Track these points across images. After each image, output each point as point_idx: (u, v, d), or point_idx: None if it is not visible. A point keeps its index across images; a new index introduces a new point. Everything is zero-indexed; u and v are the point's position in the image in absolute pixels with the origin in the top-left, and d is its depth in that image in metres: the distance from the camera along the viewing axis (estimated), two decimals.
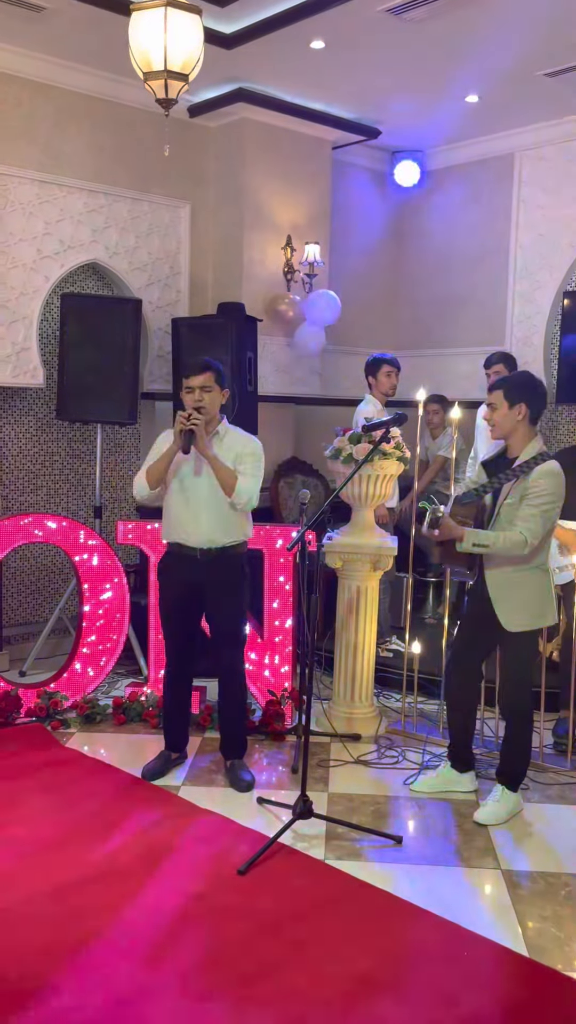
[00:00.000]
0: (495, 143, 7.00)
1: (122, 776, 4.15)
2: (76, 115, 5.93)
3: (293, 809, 3.63)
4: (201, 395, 3.90)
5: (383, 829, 3.70)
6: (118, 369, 5.63)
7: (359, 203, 7.58)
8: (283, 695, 4.77)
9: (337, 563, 4.72)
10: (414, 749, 4.52)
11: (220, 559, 3.99)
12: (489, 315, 7.18)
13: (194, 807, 3.85)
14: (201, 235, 6.65)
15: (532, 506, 3.55)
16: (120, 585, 5.00)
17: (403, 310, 7.82)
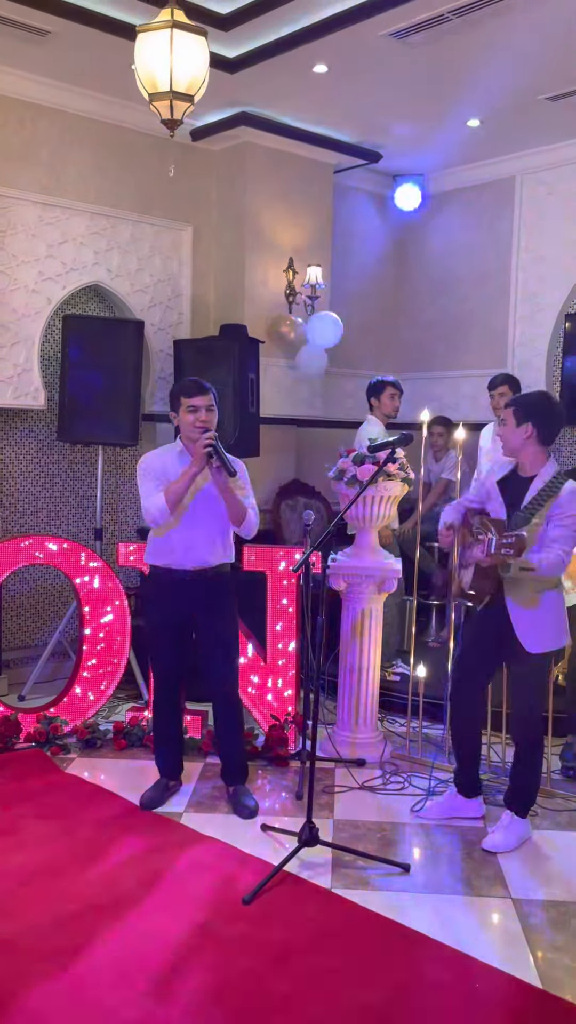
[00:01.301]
0: (496, 167, 7.04)
1: (123, 803, 4.09)
2: (79, 138, 5.96)
3: (298, 836, 3.58)
4: (207, 415, 3.89)
5: (390, 857, 3.65)
6: (120, 391, 5.62)
7: (360, 226, 7.62)
8: (286, 720, 4.72)
9: (341, 585, 4.69)
10: (420, 775, 4.47)
11: (211, 581, 3.97)
12: (491, 337, 7.19)
13: (197, 834, 3.80)
14: (203, 257, 6.67)
15: (564, 527, 3.54)
16: (121, 608, 4.96)
17: (405, 332, 7.84)
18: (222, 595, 4.01)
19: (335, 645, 4.87)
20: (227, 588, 4.04)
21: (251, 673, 4.74)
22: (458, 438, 4.66)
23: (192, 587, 3.95)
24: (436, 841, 3.83)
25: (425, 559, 6.25)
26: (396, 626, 5.74)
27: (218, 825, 3.89)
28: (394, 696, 5.33)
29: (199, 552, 3.93)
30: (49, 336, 6.10)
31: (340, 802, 4.18)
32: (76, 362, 5.61)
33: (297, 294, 6.70)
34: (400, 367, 7.90)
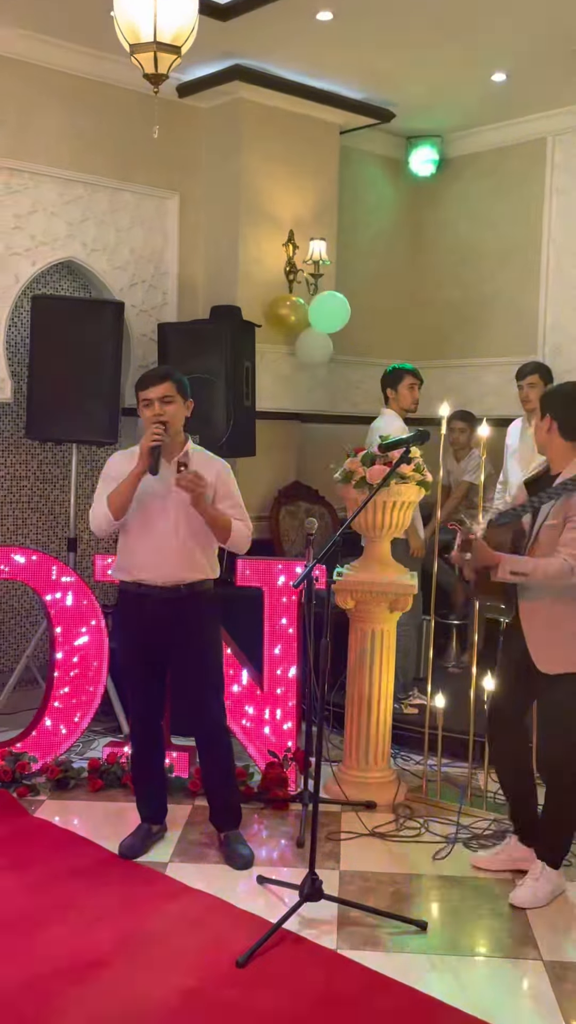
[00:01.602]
0: (525, 126, 7.06)
1: (100, 851, 4.09)
2: (50, 94, 5.98)
3: (299, 889, 3.58)
4: (162, 408, 3.88)
5: (405, 913, 3.65)
6: (96, 381, 5.63)
7: (370, 194, 7.64)
8: (286, 756, 4.73)
9: (348, 603, 4.70)
10: (438, 819, 4.48)
11: (186, 599, 3.94)
12: (518, 321, 7.21)
13: (184, 887, 3.80)
14: (191, 230, 6.69)
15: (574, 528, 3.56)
16: (97, 629, 4.97)
17: (421, 315, 7.85)
18: (200, 617, 3.98)
19: (341, 671, 4.87)
20: (206, 609, 4.01)
21: (246, 703, 4.75)
22: (482, 435, 4.67)
23: (164, 607, 3.92)
24: (457, 895, 3.83)
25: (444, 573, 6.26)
26: (412, 650, 5.75)
27: (208, 876, 3.89)
28: (409, 730, 5.33)
29: (169, 566, 3.90)
30: (16, 319, 6.11)
31: (347, 851, 4.18)
32: (46, 349, 5.61)
33: (298, 271, 6.71)
34: (415, 355, 7.87)
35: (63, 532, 6.39)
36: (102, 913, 3.59)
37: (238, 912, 3.62)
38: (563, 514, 3.62)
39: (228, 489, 4.01)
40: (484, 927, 3.61)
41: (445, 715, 4.73)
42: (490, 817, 4.44)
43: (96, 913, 3.59)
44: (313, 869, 3.58)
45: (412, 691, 5.71)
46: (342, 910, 3.65)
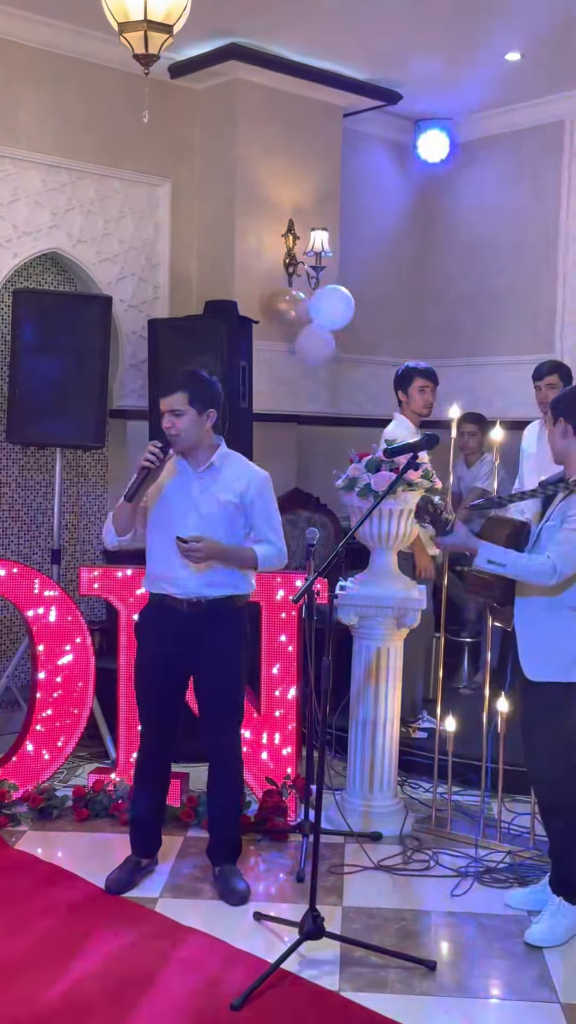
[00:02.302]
0: (541, 109, 7.09)
1: (85, 885, 4.09)
2: (32, 74, 6.00)
3: (299, 927, 3.58)
4: (172, 420, 3.90)
5: (412, 952, 3.65)
6: (82, 381, 5.64)
7: (376, 181, 7.67)
8: (285, 784, 4.73)
9: (352, 619, 4.71)
10: (448, 851, 4.48)
11: (213, 615, 3.98)
12: (534, 317, 7.23)
13: (176, 925, 3.80)
14: (184, 219, 6.71)
15: (570, 529, 3.61)
16: (83, 647, 4.98)
17: (430, 310, 7.88)
18: (221, 636, 4.01)
19: (345, 693, 4.88)
20: (229, 628, 4.03)
21: (243, 726, 4.74)
22: (494, 439, 4.69)
23: (189, 621, 3.96)
24: (468, 933, 3.84)
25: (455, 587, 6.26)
26: (421, 670, 5.75)
27: (201, 913, 3.89)
28: (416, 755, 5.34)
29: (190, 581, 3.93)
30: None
31: (351, 885, 4.18)
32: (29, 346, 5.63)
33: (299, 264, 6.73)
34: (424, 353, 7.85)
35: (46, 543, 6.39)
36: (87, 953, 3.59)
37: (233, 951, 3.62)
38: (561, 514, 3.67)
39: (261, 503, 4.02)
40: (497, 967, 3.61)
41: (456, 739, 4.73)
42: (504, 849, 4.44)
43: (81, 953, 3.58)
44: (314, 905, 3.58)
45: (421, 714, 5.71)
46: (345, 949, 3.65)
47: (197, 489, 3.96)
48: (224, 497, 3.96)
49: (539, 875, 4.14)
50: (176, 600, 3.97)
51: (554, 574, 3.58)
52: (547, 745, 3.76)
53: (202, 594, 3.95)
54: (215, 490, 3.96)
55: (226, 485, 3.97)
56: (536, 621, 3.75)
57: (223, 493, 3.96)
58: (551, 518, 3.73)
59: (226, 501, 3.96)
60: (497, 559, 3.64)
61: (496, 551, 3.66)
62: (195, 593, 3.95)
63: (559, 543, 3.61)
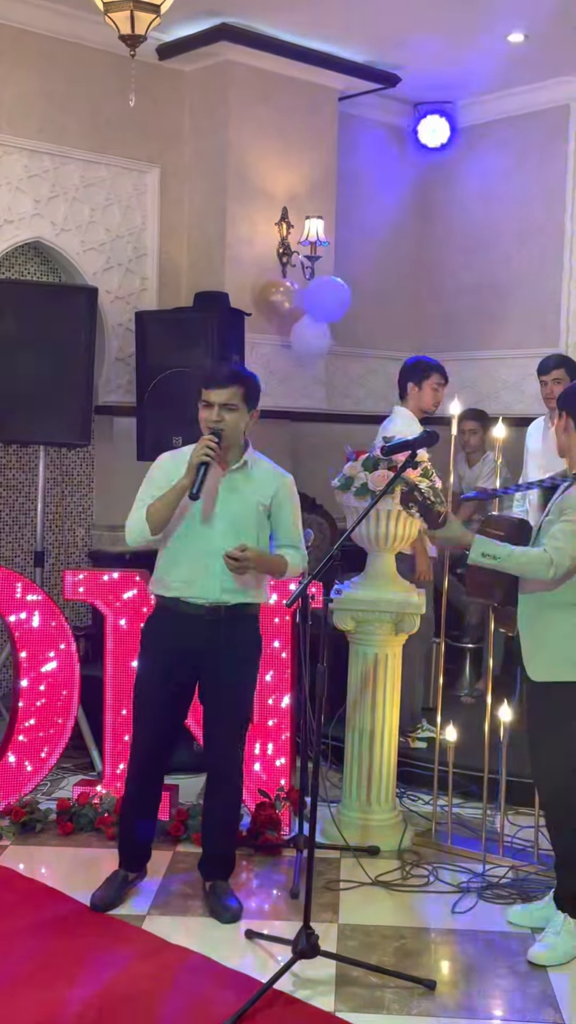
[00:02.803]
0: (546, 92, 7.12)
1: (70, 902, 4.09)
2: (13, 56, 6.01)
3: (293, 945, 3.57)
4: (221, 415, 3.91)
5: (411, 971, 3.65)
6: (67, 376, 5.66)
7: (373, 168, 7.69)
8: (278, 796, 4.74)
9: (348, 624, 4.71)
10: (449, 866, 4.49)
11: (231, 621, 3.99)
12: (539, 308, 7.26)
13: (164, 943, 3.80)
14: (173, 207, 6.73)
15: (567, 521, 3.64)
16: (67, 653, 4.98)
17: (429, 302, 7.90)
18: (238, 645, 4.03)
19: (341, 701, 4.89)
20: (247, 637, 4.07)
21: None
22: (497, 436, 4.69)
23: (206, 627, 3.97)
24: (470, 951, 3.84)
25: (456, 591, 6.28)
26: (421, 677, 5.75)
27: (191, 931, 3.90)
28: (416, 766, 5.34)
29: (213, 585, 3.95)
30: None
31: (347, 902, 4.18)
32: (11, 339, 5.64)
33: (293, 254, 6.75)
34: (424, 346, 7.89)
35: (29, 545, 6.40)
36: (71, 973, 3.58)
37: (224, 971, 3.62)
38: (559, 508, 3.70)
39: (289, 507, 4.08)
40: (499, 987, 3.61)
41: (457, 750, 4.72)
42: (507, 864, 4.45)
43: (65, 973, 3.58)
44: (308, 922, 3.58)
45: (420, 723, 5.71)
46: (341, 968, 3.65)
47: (226, 489, 3.96)
48: (255, 499, 3.99)
49: (543, 891, 4.14)
50: (194, 606, 3.98)
51: (551, 566, 3.60)
52: (553, 748, 3.78)
53: (222, 600, 3.97)
54: (245, 491, 3.98)
55: (257, 487, 4.01)
56: (539, 619, 3.77)
57: (253, 494, 3.99)
58: (550, 512, 3.76)
59: (255, 502, 3.99)
60: (492, 552, 3.67)
61: (491, 544, 3.69)
62: (215, 599, 3.96)
63: (555, 536, 3.64)
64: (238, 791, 4.22)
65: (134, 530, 3.99)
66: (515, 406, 7.11)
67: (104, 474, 6.66)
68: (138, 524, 3.96)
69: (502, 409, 6.76)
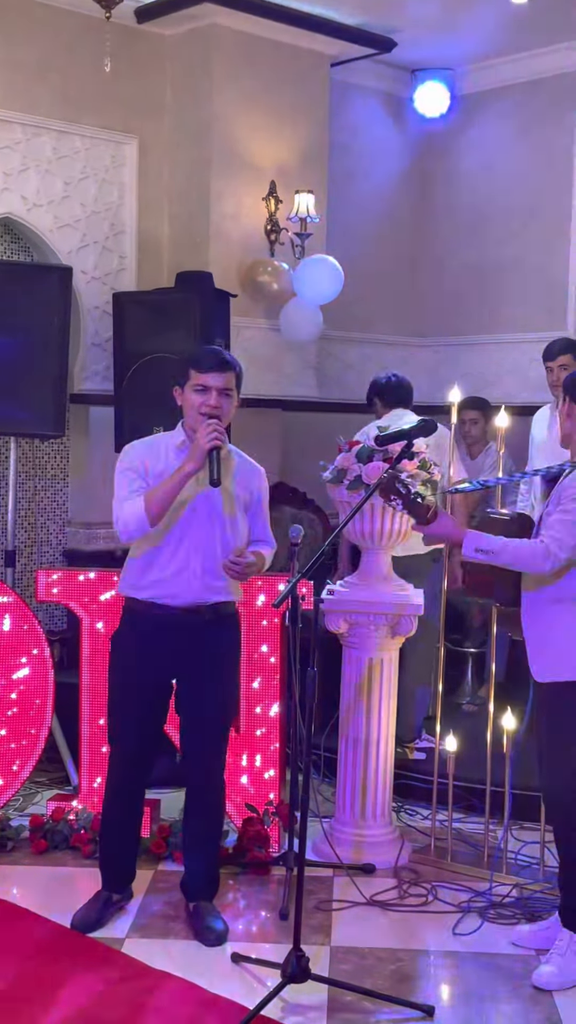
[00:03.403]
0: (551, 58, 7.13)
1: (45, 925, 4.09)
2: None
3: (282, 969, 3.59)
4: (219, 400, 3.93)
5: (408, 996, 3.67)
6: (39, 362, 5.65)
7: (368, 139, 7.69)
8: (267, 811, 4.75)
9: (341, 627, 4.73)
10: (449, 885, 4.51)
11: (209, 624, 4.02)
12: (545, 289, 7.27)
13: (145, 968, 3.81)
14: (153, 181, 6.72)
15: (565, 511, 3.67)
16: (40, 659, 4.99)
17: (429, 283, 7.91)
18: (219, 646, 4.07)
19: (334, 710, 4.90)
20: (227, 636, 4.12)
21: None
22: (499, 426, 4.71)
23: (184, 629, 3.99)
24: (470, 974, 3.86)
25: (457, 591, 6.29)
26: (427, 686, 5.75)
27: (174, 955, 3.91)
28: (414, 779, 5.37)
29: (195, 585, 3.97)
30: None
31: (340, 923, 4.20)
32: None
33: (282, 231, 6.75)
34: (422, 329, 7.94)
35: None
36: (45, 998, 3.59)
37: (209, 996, 3.63)
38: (557, 498, 3.73)
39: (262, 503, 4.15)
40: (502, 1012, 3.63)
41: (458, 761, 4.74)
42: (511, 882, 4.47)
43: (40, 999, 3.59)
44: (298, 944, 3.59)
45: (419, 732, 5.73)
46: (333, 993, 3.67)
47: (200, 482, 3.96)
48: (235, 491, 4.03)
49: (549, 909, 4.17)
50: (170, 608, 3.99)
51: (548, 558, 3.62)
52: (559, 752, 3.80)
53: (202, 600, 4.00)
54: (229, 484, 4.01)
55: (237, 480, 4.05)
56: (541, 617, 3.80)
57: (236, 488, 4.03)
58: (549, 503, 3.79)
59: (237, 495, 4.03)
60: (485, 547, 3.68)
61: (483, 539, 3.71)
62: (195, 599, 3.99)
63: (552, 526, 3.67)
64: (220, 804, 4.24)
65: (131, 523, 3.91)
66: (519, 394, 7.12)
67: (79, 467, 6.66)
68: (136, 516, 3.89)
69: (505, 397, 6.75)
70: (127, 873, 4.26)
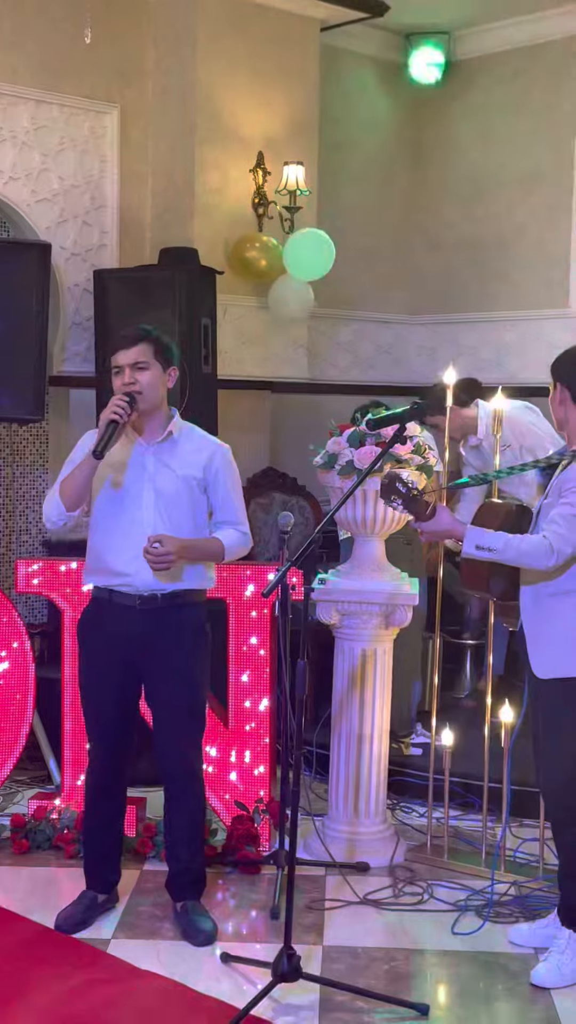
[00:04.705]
0: (551, 22, 7.18)
1: (27, 926, 4.14)
2: None
3: (273, 968, 3.63)
4: (133, 376, 3.96)
5: (402, 995, 3.72)
6: (16, 343, 5.68)
7: (360, 107, 7.72)
8: (257, 808, 4.81)
9: (333, 617, 4.77)
10: (446, 883, 4.56)
11: (169, 612, 4.06)
12: (546, 264, 7.32)
13: (132, 969, 3.86)
14: (136, 152, 6.74)
15: (567, 504, 3.72)
16: (21, 652, 5.02)
17: (424, 259, 7.95)
18: (180, 636, 4.10)
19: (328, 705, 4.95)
20: (189, 627, 4.13)
21: (208, 743, 4.79)
22: (498, 409, 4.75)
23: (141, 619, 4.04)
24: (467, 973, 3.92)
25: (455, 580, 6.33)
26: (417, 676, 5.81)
27: (161, 955, 3.96)
28: (410, 775, 5.41)
29: (145, 571, 4.00)
30: None
31: (333, 922, 4.26)
32: None
33: (270, 204, 6.77)
34: (417, 307, 7.95)
35: None
36: (28, 1000, 3.64)
37: (197, 997, 3.69)
38: (557, 490, 3.79)
39: (223, 482, 4.13)
40: (499, 1011, 3.70)
41: (455, 756, 4.79)
42: (508, 880, 4.53)
43: (23, 1001, 3.63)
44: (289, 943, 3.63)
45: (415, 727, 5.79)
46: (326, 992, 3.72)
47: (152, 464, 4.02)
48: (184, 472, 4.04)
49: (549, 907, 4.22)
50: (126, 596, 4.05)
51: (551, 554, 3.67)
52: (558, 747, 3.87)
53: (158, 588, 4.03)
54: (174, 464, 4.03)
55: (186, 459, 4.05)
56: (541, 611, 3.86)
57: (183, 468, 4.04)
58: (549, 494, 3.84)
59: (186, 476, 4.04)
60: (486, 544, 3.72)
61: (485, 535, 3.75)
62: (150, 587, 4.02)
63: (555, 520, 3.71)
64: (200, 798, 4.27)
65: (47, 506, 4.05)
66: (520, 374, 7.15)
67: (60, 452, 6.56)
68: (51, 500, 4.02)
69: (506, 378, 6.78)
70: (111, 871, 4.31)
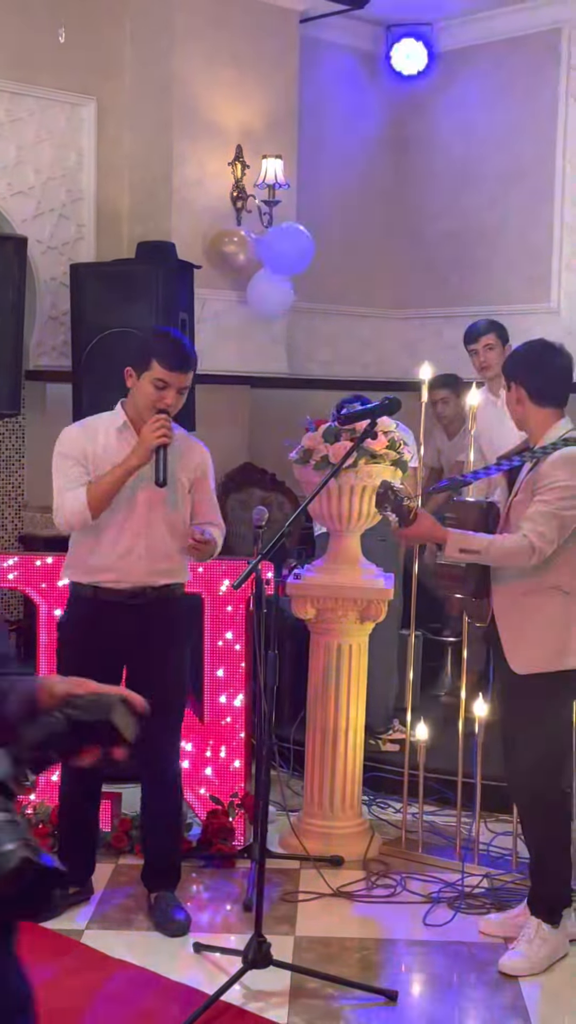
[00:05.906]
0: (534, 14, 7.28)
1: None
2: None
3: (243, 955, 3.77)
4: (177, 399, 4.14)
5: (371, 982, 3.88)
6: None
7: (340, 100, 7.81)
8: (232, 802, 4.93)
9: (308, 612, 4.89)
10: (419, 876, 4.72)
11: (156, 606, 4.23)
12: (528, 258, 7.43)
13: (105, 958, 4.00)
14: (112, 145, 6.83)
15: (543, 502, 3.86)
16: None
17: (405, 252, 8.04)
18: (166, 629, 4.26)
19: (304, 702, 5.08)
20: (175, 619, 4.30)
21: (183, 738, 4.89)
22: (473, 404, 4.84)
23: (130, 614, 4.20)
24: (437, 962, 4.09)
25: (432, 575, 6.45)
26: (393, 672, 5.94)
27: (134, 945, 4.12)
28: (387, 771, 5.55)
29: (138, 568, 4.17)
30: None
31: (305, 913, 4.42)
32: None
33: (248, 198, 6.86)
34: (398, 301, 8.03)
35: None
36: None
37: (169, 984, 3.84)
38: (531, 487, 3.92)
39: (208, 483, 4.33)
40: (467, 997, 3.87)
41: (432, 752, 4.93)
42: (480, 873, 4.69)
43: None
44: (260, 930, 3.78)
45: (393, 723, 5.92)
46: (297, 979, 3.87)
47: (150, 466, 4.11)
48: (182, 475, 4.22)
49: (520, 900, 4.37)
50: (115, 591, 4.21)
51: (533, 553, 3.82)
52: (529, 741, 4.02)
53: (147, 583, 4.20)
54: (176, 468, 4.19)
55: (183, 463, 4.23)
56: (517, 608, 4.00)
57: (181, 471, 4.22)
58: (519, 492, 3.99)
59: (179, 477, 4.21)
60: (471, 547, 3.88)
61: (468, 538, 3.90)
62: (140, 582, 4.20)
63: (532, 519, 3.85)
64: (177, 791, 4.43)
65: (71, 510, 4.12)
66: None
67: (36, 448, 6.68)
68: (77, 509, 4.11)
69: None
70: (85, 865, 4.46)
